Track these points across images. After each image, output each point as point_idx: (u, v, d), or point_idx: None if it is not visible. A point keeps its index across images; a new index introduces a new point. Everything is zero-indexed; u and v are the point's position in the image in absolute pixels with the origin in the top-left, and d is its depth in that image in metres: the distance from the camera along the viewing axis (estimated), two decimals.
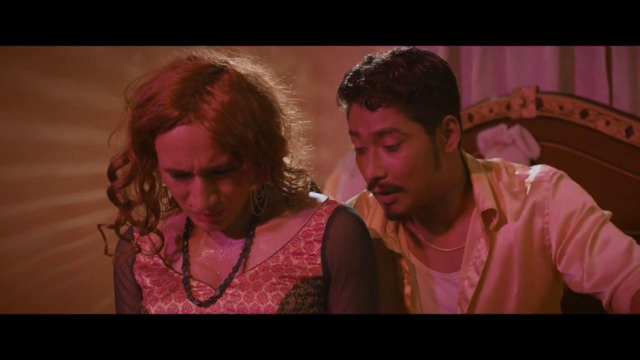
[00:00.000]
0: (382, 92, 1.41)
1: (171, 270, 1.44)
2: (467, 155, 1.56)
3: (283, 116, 1.38)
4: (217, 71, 1.30)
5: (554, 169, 1.53)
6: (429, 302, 1.57)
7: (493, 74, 3.18)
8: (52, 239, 2.83)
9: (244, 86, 1.30)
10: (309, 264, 1.39)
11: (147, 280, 1.44)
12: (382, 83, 1.41)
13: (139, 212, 1.42)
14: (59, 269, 2.85)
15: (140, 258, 1.46)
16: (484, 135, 2.97)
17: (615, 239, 1.45)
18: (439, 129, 1.46)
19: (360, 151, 1.48)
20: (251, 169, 1.31)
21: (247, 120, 1.27)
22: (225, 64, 1.33)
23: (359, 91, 1.43)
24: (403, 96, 1.41)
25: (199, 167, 1.27)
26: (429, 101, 1.43)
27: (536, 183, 1.50)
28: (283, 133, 1.37)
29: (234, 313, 1.36)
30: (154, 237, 1.44)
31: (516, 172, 1.55)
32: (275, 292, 1.36)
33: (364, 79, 1.43)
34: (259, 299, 1.35)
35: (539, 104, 2.87)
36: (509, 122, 2.93)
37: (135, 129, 1.29)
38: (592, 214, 1.47)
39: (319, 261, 1.39)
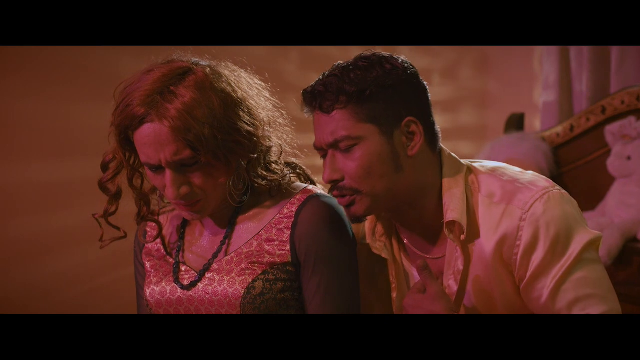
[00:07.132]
0: (334, 94, 1.41)
1: (168, 257, 1.56)
2: (449, 158, 1.50)
3: (257, 113, 1.45)
4: (185, 72, 1.40)
5: (541, 189, 1.42)
6: None
7: (634, 63, 3.02)
8: None
9: (207, 85, 1.39)
10: (279, 250, 1.47)
11: (148, 265, 1.57)
12: (334, 84, 1.42)
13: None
14: None
15: (148, 244, 1.60)
16: (611, 129, 2.85)
17: (572, 289, 1.38)
18: (398, 130, 1.43)
19: (322, 155, 1.48)
20: (212, 162, 1.39)
21: (204, 117, 1.36)
22: (193, 66, 1.42)
23: (314, 95, 1.44)
24: (353, 96, 1.40)
25: (165, 160, 1.39)
26: (383, 101, 1.41)
27: (513, 209, 1.41)
28: (253, 129, 1.43)
29: (209, 295, 1.46)
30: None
31: (504, 178, 1.46)
32: (244, 277, 1.44)
33: (321, 83, 1.44)
34: (228, 283, 1.45)
35: None
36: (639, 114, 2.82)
37: (116, 127, 1.42)
38: (558, 261, 1.38)
39: (287, 247, 1.46)
